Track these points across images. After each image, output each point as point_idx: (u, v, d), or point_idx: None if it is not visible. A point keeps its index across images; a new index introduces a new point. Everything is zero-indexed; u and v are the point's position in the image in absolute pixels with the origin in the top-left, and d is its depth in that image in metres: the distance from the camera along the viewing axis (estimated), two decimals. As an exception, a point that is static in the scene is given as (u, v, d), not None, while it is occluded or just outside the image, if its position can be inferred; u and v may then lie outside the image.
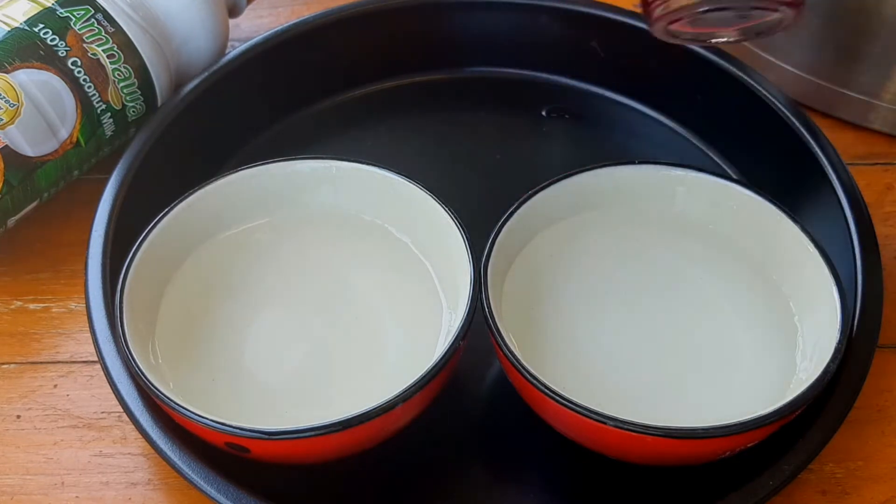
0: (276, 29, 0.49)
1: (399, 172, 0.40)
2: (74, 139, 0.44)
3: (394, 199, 0.40)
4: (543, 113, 0.51)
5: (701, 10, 0.37)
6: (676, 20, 0.38)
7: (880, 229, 0.42)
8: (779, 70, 0.52)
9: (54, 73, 0.43)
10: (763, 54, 0.52)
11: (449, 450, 0.39)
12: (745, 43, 0.53)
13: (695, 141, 0.49)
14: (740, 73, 0.47)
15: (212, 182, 0.40)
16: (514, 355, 0.34)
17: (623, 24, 0.50)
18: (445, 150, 0.50)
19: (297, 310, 0.39)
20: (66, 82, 0.43)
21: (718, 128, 0.49)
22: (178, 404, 0.33)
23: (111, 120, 0.45)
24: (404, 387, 0.33)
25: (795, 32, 0.50)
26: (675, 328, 0.39)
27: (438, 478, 0.38)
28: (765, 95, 0.46)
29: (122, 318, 0.36)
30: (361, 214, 0.42)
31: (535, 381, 0.34)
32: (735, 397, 0.36)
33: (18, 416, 0.40)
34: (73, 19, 0.44)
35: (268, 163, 0.41)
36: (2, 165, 0.42)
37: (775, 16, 0.38)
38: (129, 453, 0.39)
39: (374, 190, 0.41)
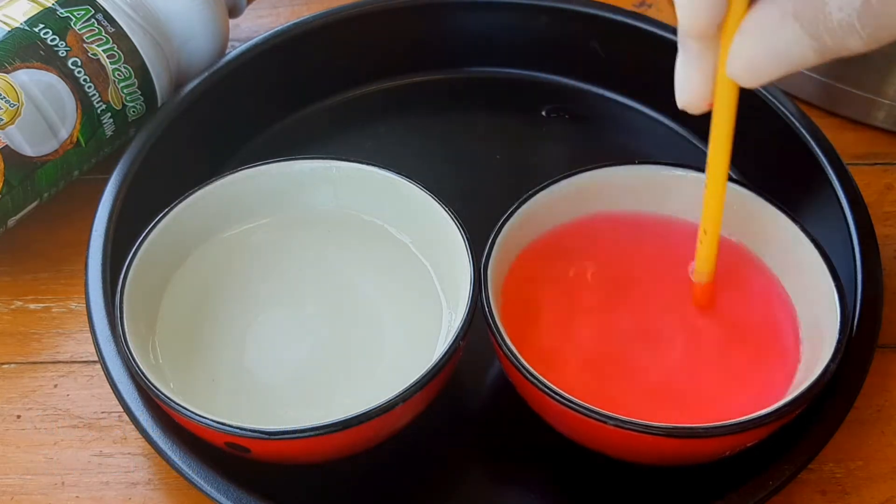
0: (276, 29, 0.49)
1: (399, 172, 0.40)
2: (74, 139, 0.44)
3: (394, 199, 0.40)
4: (543, 113, 0.51)
5: None
6: None
7: (880, 229, 0.42)
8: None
9: (55, 74, 0.43)
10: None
11: (449, 450, 0.39)
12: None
13: (695, 141, 0.49)
14: (740, 73, 0.47)
15: (212, 182, 0.40)
16: (514, 355, 0.34)
17: (623, 24, 0.50)
18: (445, 150, 0.50)
19: (297, 310, 0.39)
20: (66, 82, 0.43)
21: (718, 128, 0.49)
22: (178, 404, 0.33)
23: (111, 120, 0.45)
24: (404, 387, 0.33)
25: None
26: (675, 327, 0.39)
27: (438, 478, 0.38)
28: (765, 96, 0.46)
29: (122, 318, 0.36)
30: (361, 214, 0.42)
31: (535, 381, 0.34)
32: (734, 397, 0.36)
33: (18, 416, 0.40)
34: (74, 19, 0.44)
35: (268, 163, 0.41)
36: (2, 165, 0.42)
37: None
38: (129, 453, 0.39)
39: (374, 190, 0.41)
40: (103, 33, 0.45)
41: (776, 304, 0.39)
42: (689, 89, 0.33)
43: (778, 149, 0.46)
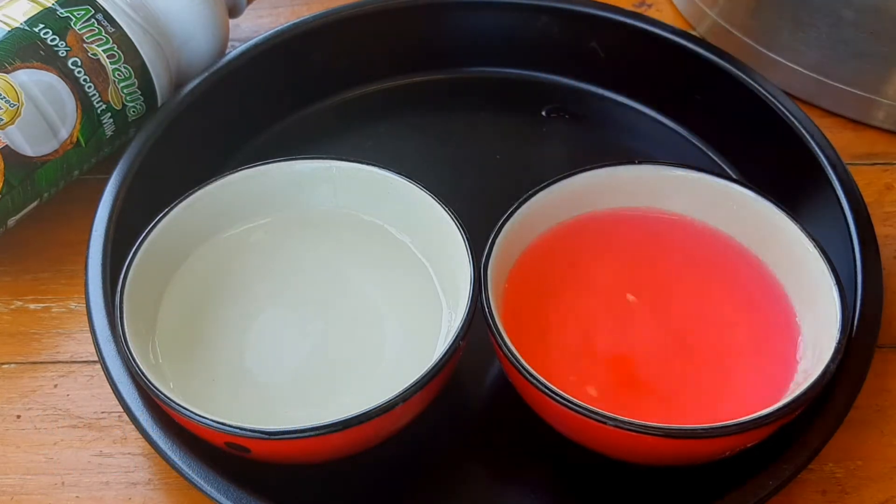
0: (276, 29, 0.49)
1: (399, 172, 0.40)
2: (74, 139, 0.44)
3: (394, 199, 0.40)
4: (543, 113, 0.51)
5: None
6: None
7: (880, 229, 0.42)
8: (782, 68, 0.52)
9: (55, 74, 0.43)
10: (767, 52, 0.52)
11: (449, 450, 0.39)
12: (749, 41, 0.53)
13: (695, 141, 0.49)
14: (740, 73, 0.47)
15: (212, 182, 0.40)
16: (514, 355, 0.34)
17: (623, 24, 0.50)
18: (445, 150, 0.50)
19: (296, 310, 0.40)
20: (66, 82, 0.43)
21: (718, 128, 0.49)
22: (178, 404, 0.33)
23: (111, 120, 0.45)
24: (404, 387, 0.33)
25: (801, 31, 0.50)
26: (675, 327, 0.39)
27: (438, 478, 0.38)
28: (765, 95, 0.46)
29: (122, 317, 0.36)
30: (361, 214, 0.42)
31: (535, 381, 0.34)
32: (734, 397, 0.36)
33: (18, 416, 0.40)
34: (74, 19, 0.44)
35: (268, 163, 0.41)
36: (2, 165, 0.42)
37: None
38: (129, 453, 0.39)
39: (373, 190, 0.41)
40: (103, 33, 0.45)
41: (776, 305, 0.39)
42: None
43: (778, 149, 0.46)
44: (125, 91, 0.45)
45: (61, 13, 0.44)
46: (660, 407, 0.36)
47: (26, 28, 0.43)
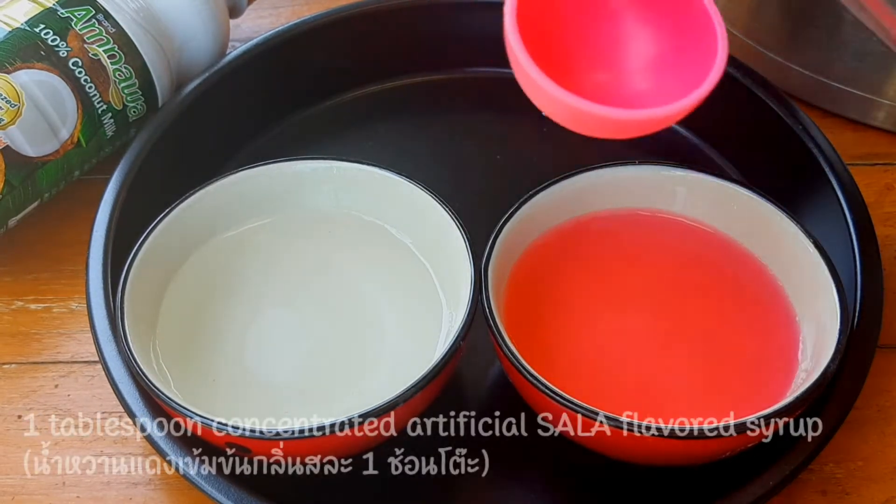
0: (276, 29, 0.49)
1: (399, 172, 0.40)
2: (75, 139, 0.44)
3: (394, 200, 0.40)
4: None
5: None
6: None
7: (880, 229, 0.42)
8: (782, 68, 0.52)
9: (55, 74, 0.43)
10: (767, 52, 0.52)
11: (449, 450, 0.39)
12: (749, 41, 0.53)
13: (695, 141, 0.49)
14: (740, 74, 0.47)
15: (212, 182, 0.40)
16: (514, 355, 0.34)
17: (623, 24, 0.50)
18: (445, 150, 0.50)
19: (297, 310, 0.40)
20: (67, 83, 0.43)
21: (718, 128, 0.49)
22: (178, 404, 0.33)
23: (112, 120, 0.45)
24: (405, 387, 0.33)
25: (801, 31, 0.50)
26: (675, 327, 0.39)
27: (439, 478, 0.38)
28: (765, 96, 0.46)
29: (122, 318, 0.36)
30: (361, 214, 0.42)
31: (535, 381, 0.34)
32: (734, 397, 0.36)
33: (19, 417, 0.40)
34: (75, 20, 0.44)
35: (268, 163, 0.41)
36: (3, 166, 0.42)
37: None
38: (129, 453, 0.39)
39: (374, 190, 0.41)
40: (104, 34, 0.45)
41: (776, 305, 0.39)
42: None
43: (778, 149, 0.46)
44: (126, 91, 0.45)
45: (62, 13, 0.44)
46: (660, 407, 0.36)
47: (27, 28, 0.43)
